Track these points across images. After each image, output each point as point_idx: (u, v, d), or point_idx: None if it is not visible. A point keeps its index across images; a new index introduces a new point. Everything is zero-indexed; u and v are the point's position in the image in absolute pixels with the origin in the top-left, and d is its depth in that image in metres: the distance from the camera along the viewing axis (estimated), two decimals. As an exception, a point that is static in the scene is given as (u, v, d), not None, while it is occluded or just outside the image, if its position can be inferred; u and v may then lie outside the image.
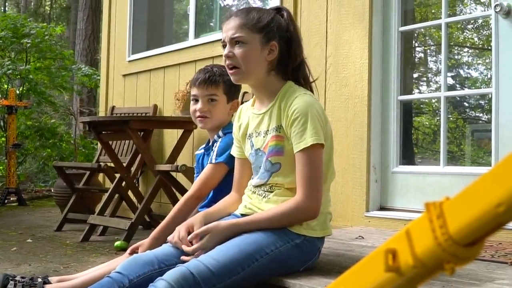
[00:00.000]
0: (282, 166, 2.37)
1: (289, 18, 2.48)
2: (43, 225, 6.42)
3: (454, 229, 0.80)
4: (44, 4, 24.66)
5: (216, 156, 2.92)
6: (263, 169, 2.44)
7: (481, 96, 6.95)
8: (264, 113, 2.46)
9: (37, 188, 10.85)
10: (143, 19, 7.22)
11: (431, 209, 0.84)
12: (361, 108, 4.26)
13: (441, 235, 0.81)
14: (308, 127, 2.27)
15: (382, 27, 4.33)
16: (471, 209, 0.79)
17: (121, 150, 6.38)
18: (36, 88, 10.57)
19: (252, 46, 2.40)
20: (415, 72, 7.44)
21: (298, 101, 2.33)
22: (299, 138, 2.28)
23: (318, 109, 2.34)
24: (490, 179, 0.79)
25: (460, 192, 0.82)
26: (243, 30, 2.40)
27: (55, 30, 11.23)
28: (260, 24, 2.41)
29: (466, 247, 0.81)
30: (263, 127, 2.46)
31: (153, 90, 6.49)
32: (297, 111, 2.30)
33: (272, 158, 2.39)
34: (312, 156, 2.28)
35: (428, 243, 0.83)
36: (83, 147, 10.60)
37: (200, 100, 3.02)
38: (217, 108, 3.03)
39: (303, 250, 2.36)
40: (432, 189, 4.03)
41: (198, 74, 3.06)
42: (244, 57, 2.39)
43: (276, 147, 2.39)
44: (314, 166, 2.28)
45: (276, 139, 2.39)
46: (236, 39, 2.40)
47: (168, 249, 2.40)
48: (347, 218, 4.28)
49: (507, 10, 3.66)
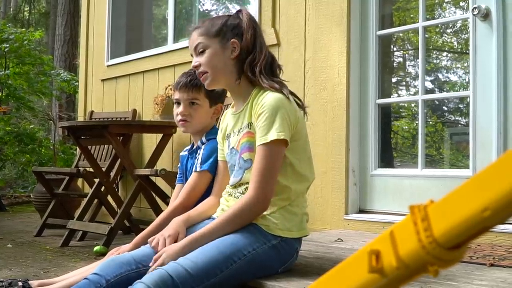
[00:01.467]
0: (253, 162, 2.38)
1: (244, 15, 2.54)
2: (23, 230, 6.39)
3: (438, 232, 0.81)
4: (23, 9, 24.51)
5: (200, 164, 2.91)
6: (237, 166, 2.46)
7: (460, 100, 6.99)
8: (240, 113, 2.50)
9: (16, 194, 10.78)
10: (122, 24, 7.21)
11: (415, 211, 0.85)
12: (339, 112, 4.28)
13: (425, 237, 0.82)
14: (272, 122, 2.29)
15: (360, 31, 4.36)
16: (456, 213, 0.79)
17: (100, 155, 6.36)
18: (15, 94, 10.49)
19: (213, 50, 2.48)
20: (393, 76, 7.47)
21: (268, 97, 2.36)
22: (261, 133, 2.31)
23: (287, 107, 2.35)
24: (476, 183, 0.79)
25: (446, 196, 0.82)
26: (202, 38, 2.49)
27: (34, 35, 11.14)
28: (214, 28, 2.50)
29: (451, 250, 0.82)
30: (238, 126, 2.50)
31: (132, 95, 6.48)
32: (265, 106, 2.33)
33: (245, 155, 2.41)
34: (270, 152, 2.29)
35: (412, 246, 0.84)
36: (63, 153, 10.53)
37: (182, 103, 3.03)
38: (198, 112, 3.03)
39: (280, 251, 2.37)
40: (410, 191, 4.05)
41: (181, 78, 3.07)
42: (208, 61, 2.48)
43: (247, 143, 2.41)
44: (269, 161, 2.29)
45: (248, 135, 2.41)
46: (198, 47, 2.49)
47: (146, 250, 2.41)
48: (326, 221, 4.30)
49: (485, 13, 3.69)
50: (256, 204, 2.30)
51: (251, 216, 2.33)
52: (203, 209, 2.65)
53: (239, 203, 2.32)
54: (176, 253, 2.24)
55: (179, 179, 3.22)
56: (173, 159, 5.74)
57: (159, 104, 5.56)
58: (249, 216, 2.33)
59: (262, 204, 2.31)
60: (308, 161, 2.49)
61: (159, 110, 5.55)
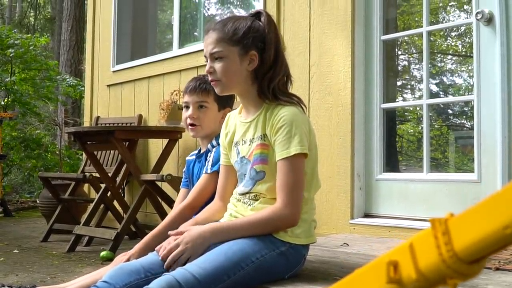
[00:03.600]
0: (266, 174, 2.38)
1: (266, 21, 2.45)
2: (29, 235, 6.41)
3: (459, 247, 0.82)
4: (29, 15, 24.58)
5: (211, 165, 2.91)
6: (248, 177, 2.45)
7: (465, 103, 7.00)
8: (251, 122, 2.47)
9: (22, 199, 10.81)
10: (127, 29, 7.23)
11: (436, 225, 0.85)
12: (344, 116, 4.29)
13: (446, 252, 0.83)
14: (293, 136, 2.28)
15: (365, 35, 4.37)
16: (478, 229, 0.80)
17: (106, 160, 6.38)
18: (21, 99, 10.55)
19: (231, 60, 2.40)
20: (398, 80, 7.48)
21: (284, 110, 2.33)
22: (282, 147, 2.29)
23: (303, 120, 2.35)
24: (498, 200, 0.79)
25: (467, 210, 0.82)
26: (220, 45, 2.40)
27: (40, 41, 11.20)
28: (236, 37, 2.40)
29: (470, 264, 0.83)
30: (249, 135, 2.47)
31: (137, 100, 6.50)
32: (282, 120, 2.30)
33: (257, 166, 2.40)
34: (293, 165, 2.28)
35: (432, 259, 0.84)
36: (68, 158, 10.57)
37: (191, 107, 3.04)
38: (207, 115, 3.04)
39: (288, 258, 2.37)
40: (416, 195, 4.06)
41: (190, 82, 3.09)
42: (224, 71, 2.40)
43: (261, 156, 2.39)
44: (295, 175, 2.28)
45: (261, 147, 2.39)
46: (215, 54, 2.41)
47: (155, 257, 2.40)
48: (332, 226, 4.31)
49: (488, 17, 3.70)
50: (284, 221, 2.30)
51: (276, 230, 2.32)
52: (209, 213, 2.64)
53: (266, 213, 2.30)
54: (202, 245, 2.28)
55: (184, 183, 3.22)
56: (179, 164, 5.75)
57: (164, 110, 5.57)
58: (274, 229, 2.32)
59: (292, 222, 2.31)
60: (315, 169, 2.50)
61: (165, 116, 5.57)
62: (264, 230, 2.31)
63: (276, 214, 2.28)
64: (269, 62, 2.41)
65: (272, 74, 2.41)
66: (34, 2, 23.88)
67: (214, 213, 2.63)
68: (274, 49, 2.42)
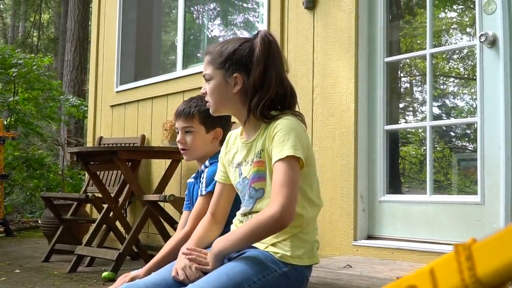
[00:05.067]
0: (265, 191, 2.36)
1: (260, 41, 2.39)
2: (31, 255, 6.39)
3: (482, 272, 0.81)
4: (32, 35, 24.71)
5: (205, 187, 2.92)
6: (247, 196, 2.43)
7: (467, 126, 7.02)
8: (252, 142, 2.46)
9: (24, 219, 10.80)
10: (131, 50, 7.27)
11: (459, 250, 0.85)
12: (348, 138, 4.30)
13: (468, 277, 0.82)
14: (286, 140, 2.23)
15: (368, 57, 4.39)
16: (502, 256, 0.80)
17: (109, 180, 6.37)
18: (24, 119, 10.57)
19: (216, 82, 2.42)
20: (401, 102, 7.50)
21: (281, 121, 2.31)
22: (276, 150, 2.24)
23: (300, 130, 2.33)
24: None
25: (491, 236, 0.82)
26: (208, 67, 2.44)
27: (43, 61, 11.25)
28: (220, 59, 2.41)
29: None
30: (251, 156, 2.45)
31: (141, 121, 6.51)
32: (279, 127, 2.27)
33: (255, 184, 2.38)
34: (286, 165, 2.21)
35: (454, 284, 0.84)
36: (71, 178, 10.56)
37: (179, 132, 3.11)
38: (194, 139, 3.07)
39: (290, 279, 2.35)
40: (419, 217, 4.05)
41: (178, 107, 3.14)
42: (210, 93, 2.44)
43: (258, 173, 2.37)
44: (289, 174, 2.20)
45: (258, 164, 2.37)
46: (205, 76, 2.46)
47: (158, 277, 2.39)
48: (335, 247, 4.29)
49: (492, 39, 3.71)
50: (279, 217, 2.17)
51: (276, 228, 2.22)
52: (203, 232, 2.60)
53: (261, 215, 2.22)
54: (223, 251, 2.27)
55: (186, 205, 3.22)
56: (182, 185, 5.75)
57: (168, 130, 5.58)
58: (274, 228, 2.22)
59: (288, 215, 2.18)
60: (317, 188, 2.48)
61: (168, 136, 5.57)
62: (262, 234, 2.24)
63: (270, 215, 2.17)
64: (254, 83, 2.36)
65: (260, 95, 2.36)
66: (38, 22, 24.00)
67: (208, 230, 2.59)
68: (261, 69, 2.36)
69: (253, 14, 8.31)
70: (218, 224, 2.59)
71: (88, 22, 14.41)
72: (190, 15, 7.88)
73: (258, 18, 7.01)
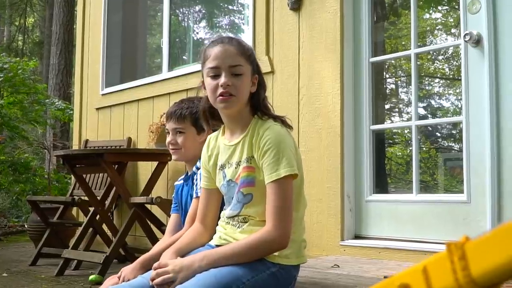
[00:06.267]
0: (253, 197, 2.36)
1: None
2: (18, 259, 6.36)
3: (476, 272, 0.81)
4: (17, 39, 24.60)
5: (199, 189, 2.90)
6: (235, 200, 2.42)
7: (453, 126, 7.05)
8: (236, 144, 2.44)
9: (10, 224, 10.72)
10: (117, 53, 7.25)
11: (452, 249, 0.85)
12: (334, 138, 4.31)
13: (462, 277, 0.82)
14: (281, 158, 2.26)
15: (353, 58, 4.40)
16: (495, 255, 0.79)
17: (95, 183, 6.35)
18: (9, 123, 10.51)
19: (247, 77, 2.41)
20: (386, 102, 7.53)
21: (269, 132, 2.31)
22: (271, 169, 2.26)
23: (289, 140, 2.35)
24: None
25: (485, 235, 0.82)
26: (241, 60, 2.39)
27: (28, 65, 11.19)
28: (252, 56, 2.44)
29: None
30: (235, 158, 2.44)
31: (127, 123, 6.49)
32: (269, 142, 2.28)
33: (244, 189, 2.38)
34: (283, 187, 2.25)
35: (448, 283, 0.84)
36: (57, 181, 10.52)
37: (170, 133, 3.14)
38: (185, 140, 3.10)
39: (279, 279, 2.36)
40: (406, 217, 4.06)
41: (170, 108, 3.18)
42: (241, 87, 2.38)
43: (247, 178, 2.37)
44: (285, 197, 2.25)
45: (248, 170, 2.37)
46: (236, 69, 2.38)
47: (144, 280, 2.38)
48: (323, 247, 4.30)
49: (476, 39, 3.73)
50: (274, 244, 2.26)
51: (267, 253, 2.28)
52: (190, 239, 2.59)
53: (256, 237, 2.26)
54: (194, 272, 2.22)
55: (174, 208, 3.21)
56: (169, 187, 5.74)
57: (154, 132, 5.57)
58: (265, 253, 2.28)
59: (282, 245, 2.27)
60: (302, 188, 2.49)
61: (154, 138, 5.56)
62: (255, 255, 2.27)
63: (266, 238, 2.24)
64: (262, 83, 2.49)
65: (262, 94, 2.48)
66: (23, 26, 23.90)
67: (195, 238, 2.57)
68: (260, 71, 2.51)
69: (239, 16, 8.32)
70: (209, 230, 2.58)
71: (73, 25, 14.36)
72: (176, 17, 7.88)
73: (244, 20, 7.01)
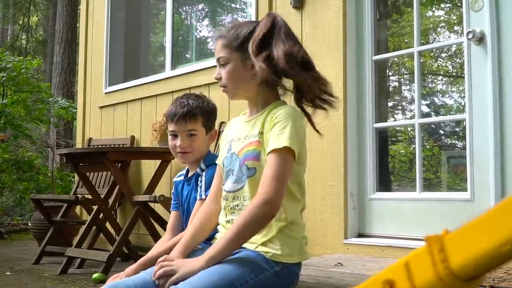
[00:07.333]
0: (257, 171, 2.35)
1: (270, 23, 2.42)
2: (21, 258, 6.37)
3: (456, 264, 0.81)
4: (20, 38, 24.62)
5: (205, 190, 2.84)
6: (239, 173, 2.39)
7: (456, 123, 7.03)
8: (250, 120, 2.46)
9: (14, 222, 10.75)
10: (120, 51, 7.25)
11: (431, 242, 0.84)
12: (337, 136, 4.30)
13: (442, 269, 0.82)
14: (286, 132, 2.23)
15: (356, 56, 4.40)
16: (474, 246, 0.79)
17: (99, 181, 6.36)
18: (13, 122, 10.52)
19: (233, 65, 2.40)
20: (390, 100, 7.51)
21: (283, 109, 2.31)
22: (273, 140, 2.24)
23: (300, 124, 2.31)
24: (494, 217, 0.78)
25: (462, 227, 0.82)
26: (224, 50, 2.42)
27: (32, 64, 11.19)
28: (237, 42, 2.40)
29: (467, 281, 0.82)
30: (244, 133, 2.44)
31: (130, 122, 6.50)
32: (280, 117, 2.27)
33: (249, 162, 2.36)
34: (280, 157, 2.22)
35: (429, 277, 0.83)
36: (60, 180, 10.52)
37: (180, 136, 2.91)
38: (197, 142, 2.91)
39: (282, 278, 2.35)
40: (409, 215, 4.06)
41: (176, 108, 2.92)
42: (228, 77, 2.40)
43: (253, 152, 2.35)
44: (281, 167, 2.22)
45: (256, 144, 2.34)
46: (220, 60, 2.42)
47: (147, 276, 2.38)
48: (326, 246, 4.30)
49: (479, 36, 3.73)
50: (267, 205, 2.18)
51: (262, 218, 2.21)
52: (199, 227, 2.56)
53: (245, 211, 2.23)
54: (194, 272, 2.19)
55: (174, 205, 3.12)
56: (171, 185, 5.72)
57: (157, 131, 5.58)
58: (260, 219, 2.21)
59: (273, 206, 2.19)
60: (301, 185, 2.46)
61: (157, 137, 5.57)
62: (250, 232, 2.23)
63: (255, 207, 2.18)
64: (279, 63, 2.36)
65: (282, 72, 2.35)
66: (26, 25, 23.92)
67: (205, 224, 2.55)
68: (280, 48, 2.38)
69: (242, 14, 8.32)
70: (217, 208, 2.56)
71: (76, 24, 14.38)
72: (179, 16, 7.88)
73: (247, 18, 7.01)
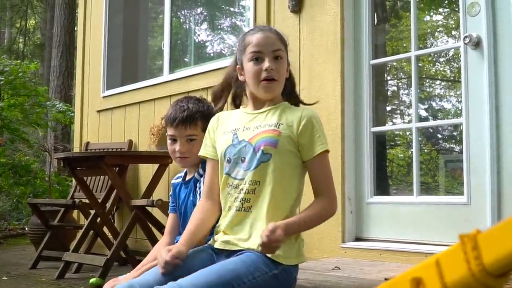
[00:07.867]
0: (272, 157, 2.39)
1: None
2: (18, 263, 6.36)
3: (488, 261, 0.84)
4: (18, 41, 24.61)
5: None
6: (252, 157, 2.43)
7: (454, 127, 7.05)
8: (260, 113, 2.55)
9: (11, 226, 10.72)
10: (118, 55, 7.25)
11: (465, 240, 0.88)
12: (334, 140, 4.30)
13: (475, 266, 0.85)
14: (323, 135, 2.47)
15: (354, 60, 4.40)
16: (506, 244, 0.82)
17: (96, 186, 6.35)
18: (10, 126, 10.50)
19: (285, 62, 2.60)
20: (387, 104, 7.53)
21: (307, 112, 2.51)
22: (318, 142, 2.44)
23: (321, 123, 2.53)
24: None
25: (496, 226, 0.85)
26: (281, 46, 2.58)
27: (29, 67, 11.19)
28: (287, 45, 2.63)
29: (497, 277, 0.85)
30: (256, 123, 2.51)
31: (128, 126, 6.49)
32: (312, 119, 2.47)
33: (265, 148, 2.41)
34: (328, 161, 2.49)
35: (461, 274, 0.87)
36: (58, 184, 10.51)
37: (179, 141, 2.91)
38: (196, 146, 2.86)
39: (280, 281, 2.36)
40: (406, 218, 4.06)
41: (175, 112, 2.91)
42: (282, 71, 2.56)
43: (271, 138, 2.43)
44: (329, 170, 2.49)
45: (274, 132, 2.44)
46: (278, 52, 2.55)
47: (150, 277, 2.38)
48: (324, 250, 4.30)
49: (476, 41, 3.74)
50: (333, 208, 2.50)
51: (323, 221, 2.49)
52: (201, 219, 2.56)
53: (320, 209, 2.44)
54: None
55: (172, 208, 3.11)
56: (169, 189, 5.72)
57: (155, 135, 5.57)
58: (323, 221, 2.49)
59: (334, 211, 2.51)
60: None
61: (155, 141, 5.56)
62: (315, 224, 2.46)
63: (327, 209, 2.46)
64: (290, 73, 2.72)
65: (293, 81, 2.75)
66: (23, 28, 23.92)
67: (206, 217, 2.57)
68: None
69: (240, 18, 8.32)
70: (217, 204, 2.59)
71: (74, 27, 14.36)
72: (177, 19, 7.88)
73: (245, 22, 7.01)
